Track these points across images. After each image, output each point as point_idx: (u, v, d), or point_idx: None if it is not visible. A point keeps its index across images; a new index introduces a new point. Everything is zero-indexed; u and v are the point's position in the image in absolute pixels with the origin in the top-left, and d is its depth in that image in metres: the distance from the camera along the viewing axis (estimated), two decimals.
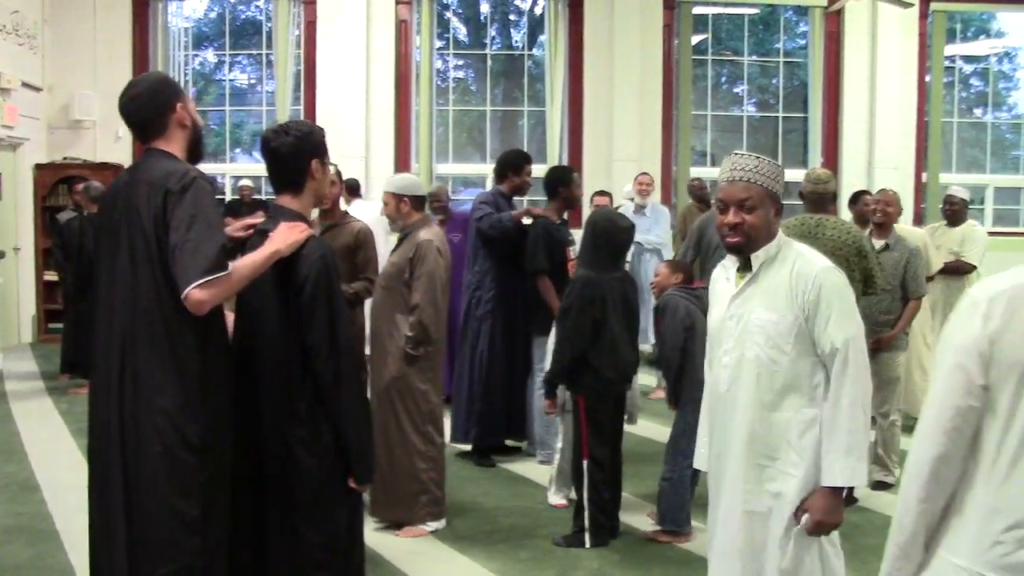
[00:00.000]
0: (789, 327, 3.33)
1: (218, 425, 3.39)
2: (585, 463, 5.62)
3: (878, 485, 6.68)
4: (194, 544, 3.30)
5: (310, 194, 3.67)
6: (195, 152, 3.58)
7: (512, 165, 7.55)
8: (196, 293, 3.17)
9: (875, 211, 7.01)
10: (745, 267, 3.50)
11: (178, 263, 3.20)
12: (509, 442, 7.63)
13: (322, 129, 3.78)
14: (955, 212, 8.87)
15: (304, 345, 3.43)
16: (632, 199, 11.22)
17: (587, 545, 5.60)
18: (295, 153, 3.58)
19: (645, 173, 11.60)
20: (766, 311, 3.37)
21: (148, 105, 3.44)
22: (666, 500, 5.74)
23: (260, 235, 3.59)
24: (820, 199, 6.14)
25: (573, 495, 6.03)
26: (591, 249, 5.76)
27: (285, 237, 3.43)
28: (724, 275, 3.61)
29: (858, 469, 3.27)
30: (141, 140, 3.50)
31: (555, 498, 6.39)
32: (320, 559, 3.51)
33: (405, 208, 5.90)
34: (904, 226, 7.81)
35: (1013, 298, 2.12)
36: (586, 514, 5.62)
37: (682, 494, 5.68)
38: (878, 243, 6.74)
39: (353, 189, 11.05)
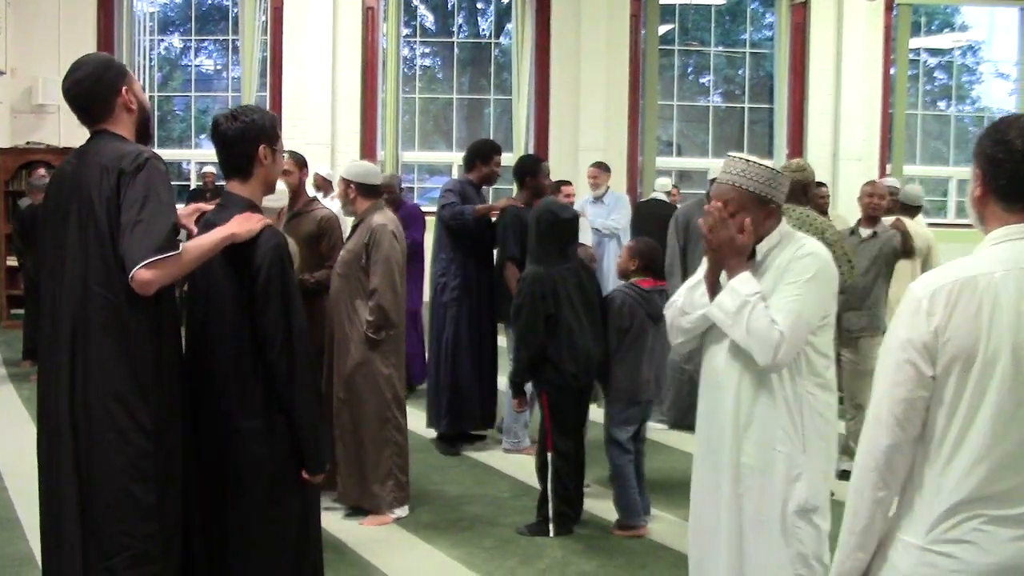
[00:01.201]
0: None
1: (171, 409, 3.34)
2: (550, 455, 5.64)
3: (845, 474, 6.73)
4: (150, 529, 3.24)
5: (259, 181, 3.60)
6: (143, 135, 3.50)
7: (481, 154, 7.52)
8: (143, 273, 3.10)
9: (870, 204, 7.07)
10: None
11: (127, 242, 3.13)
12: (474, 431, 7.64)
13: (273, 115, 3.72)
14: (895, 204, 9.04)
15: (258, 334, 3.40)
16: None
17: (551, 534, 5.61)
18: (243, 138, 3.52)
19: (594, 164, 11.09)
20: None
21: (93, 88, 3.35)
22: (616, 497, 5.78)
23: (206, 226, 3.52)
24: (792, 188, 6.18)
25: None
26: (537, 243, 5.72)
27: (241, 223, 3.39)
28: None
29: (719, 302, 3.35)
30: (86, 123, 3.41)
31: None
32: (273, 548, 3.48)
33: (352, 194, 5.88)
34: (917, 227, 7.92)
35: (952, 292, 2.24)
36: (550, 505, 5.64)
37: (626, 488, 5.70)
38: (866, 231, 6.86)
39: None
